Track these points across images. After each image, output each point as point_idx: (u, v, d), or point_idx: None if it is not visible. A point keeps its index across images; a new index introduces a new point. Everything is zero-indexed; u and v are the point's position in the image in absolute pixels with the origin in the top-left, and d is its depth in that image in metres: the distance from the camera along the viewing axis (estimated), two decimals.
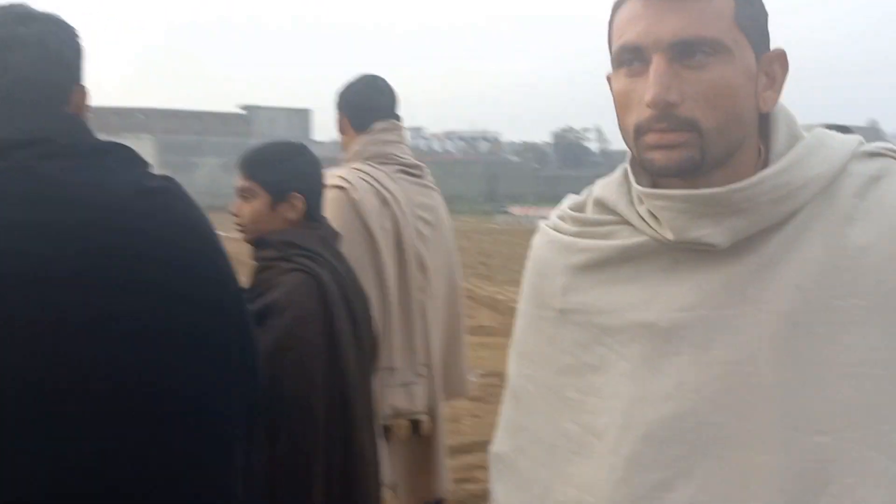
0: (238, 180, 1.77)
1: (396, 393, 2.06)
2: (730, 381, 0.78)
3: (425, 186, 2.34)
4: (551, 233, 0.95)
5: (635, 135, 0.81)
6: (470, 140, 73.89)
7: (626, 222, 0.87)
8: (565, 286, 0.90)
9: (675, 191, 0.80)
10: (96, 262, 0.89)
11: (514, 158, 70.53)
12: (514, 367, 0.99)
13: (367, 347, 1.78)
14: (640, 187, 0.84)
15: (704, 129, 0.77)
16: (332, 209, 1.96)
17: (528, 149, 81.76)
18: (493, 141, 76.59)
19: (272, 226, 1.73)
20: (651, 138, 0.79)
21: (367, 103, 2.25)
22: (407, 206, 2.18)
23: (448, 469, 2.34)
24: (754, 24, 0.81)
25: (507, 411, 1.00)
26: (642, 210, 0.84)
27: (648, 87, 0.77)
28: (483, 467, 4.53)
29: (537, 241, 0.98)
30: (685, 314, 0.80)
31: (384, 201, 2.13)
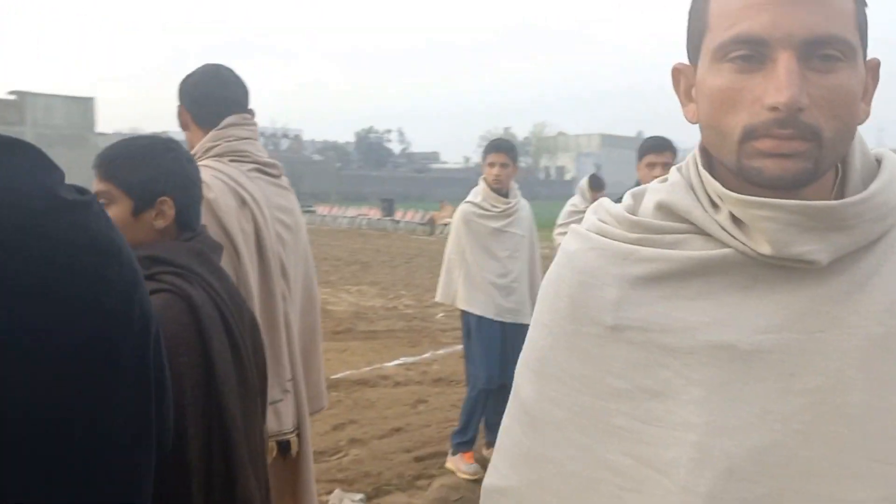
0: (94, 183, 1.48)
1: None
2: (819, 410, 0.71)
3: (282, 187, 2.17)
4: (597, 238, 0.84)
5: (743, 138, 0.72)
6: (271, 137, 71.87)
7: (699, 232, 0.78)
8: (619, 299, 0.79)
9: (785, 201, 0.72)
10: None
11: (317, 157, 69.54)
12: (531, 388, 0.87)
13: (253, 379, 1.53)
14: (736, 194, 0.75)
15: (825, 139, 0.71)
16: None
17: (330, 148, 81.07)
18: (295, 139, 75.09)
19: (136, 237, 1.46)
20: (766, 144, 0.71)
21: (212, 96, 2.03)
22: (266, 207, 1.99)
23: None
24: (866, 28, 0.76)
25: (516, 438, 0.87)
26: (721, 219, 0.76)
27: (779, 88, 0.69)
28: (316, 480, 4.37)
29: (575, 246, 0.86)
30: (770, 337, 0.72)
31: (242, 202, 1.92)
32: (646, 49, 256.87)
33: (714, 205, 0.78)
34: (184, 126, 2.08)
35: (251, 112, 2.12)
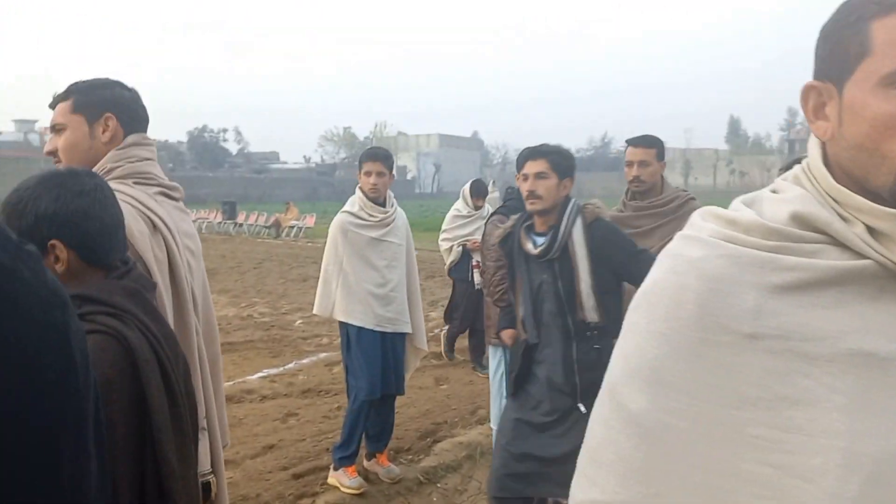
0: None
1: None
2: None
3: (184, 211, 2.02)
4: (727, 245, 0.83)
5: None
6: None
7: (833, 242, 0.81)
8: (757, 308, 0.79)
9: None
10: None
11: None
12: (643, 398, 0.84)
13: (188, 426, 1.43)
14: (887, 209, 0.78)
15: None
16: None
17: (162, 147, 76.96)
18: None
19: None
20: None
21: (138, 111, 1.88)
22: (177, 233, 1.86)
23: None
24: None
25: (625, 452, 0.85)
26: (858, 231, 0.79)
27: None
28: None
29: (699, 252, 0.85)
30: None
31: (154, 227, 1.77)
32: (478, 52, 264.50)
33: (843, 218, 0.82)
34: (113, 140, 1.84)
35: None
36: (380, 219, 4.19)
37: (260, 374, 6.79)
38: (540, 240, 2.98)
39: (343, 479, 4.25)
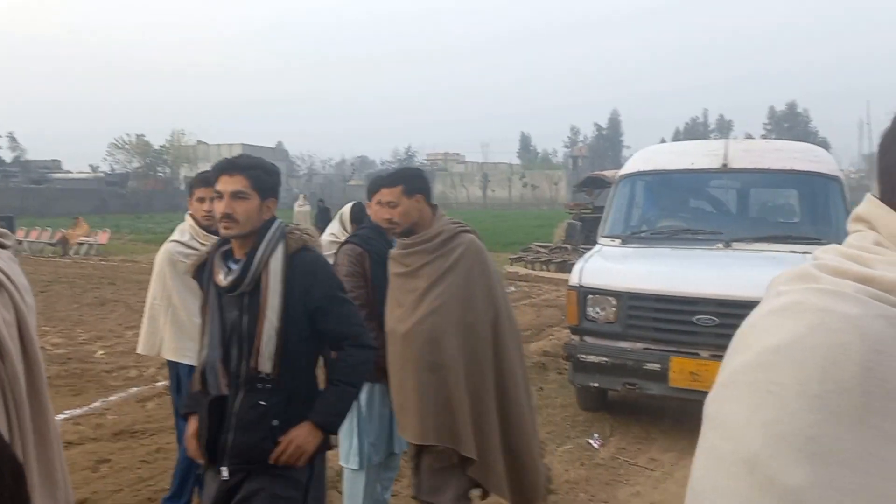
0: None
1: None
2: None
3: (15, 261, 1.71)
4: (880, 305, 0.78)
5: None
6: None
7: None
8: None
9: None
10: None
11: None
12: (801, 472, 0.75)
13: None
14: None
15: None
16: None
17: None
18: None
19: None
20: None
21: None
22: (23, 289, 1.56)
23: None
24: None
25: None
26: None
27: None
28: None
29: (857, 310, 0.78)
30: None
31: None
32: (286, 63, 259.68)
33: None
34: None
35: None
36: None
37: (62, 416, 6.06)
38: (235, 267, 2.53)
39: None
